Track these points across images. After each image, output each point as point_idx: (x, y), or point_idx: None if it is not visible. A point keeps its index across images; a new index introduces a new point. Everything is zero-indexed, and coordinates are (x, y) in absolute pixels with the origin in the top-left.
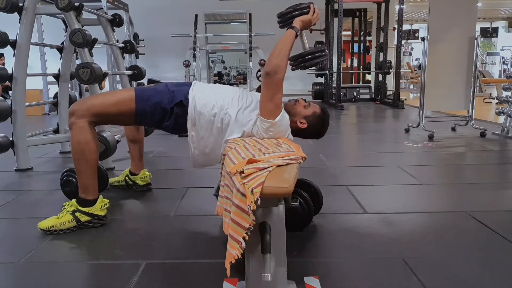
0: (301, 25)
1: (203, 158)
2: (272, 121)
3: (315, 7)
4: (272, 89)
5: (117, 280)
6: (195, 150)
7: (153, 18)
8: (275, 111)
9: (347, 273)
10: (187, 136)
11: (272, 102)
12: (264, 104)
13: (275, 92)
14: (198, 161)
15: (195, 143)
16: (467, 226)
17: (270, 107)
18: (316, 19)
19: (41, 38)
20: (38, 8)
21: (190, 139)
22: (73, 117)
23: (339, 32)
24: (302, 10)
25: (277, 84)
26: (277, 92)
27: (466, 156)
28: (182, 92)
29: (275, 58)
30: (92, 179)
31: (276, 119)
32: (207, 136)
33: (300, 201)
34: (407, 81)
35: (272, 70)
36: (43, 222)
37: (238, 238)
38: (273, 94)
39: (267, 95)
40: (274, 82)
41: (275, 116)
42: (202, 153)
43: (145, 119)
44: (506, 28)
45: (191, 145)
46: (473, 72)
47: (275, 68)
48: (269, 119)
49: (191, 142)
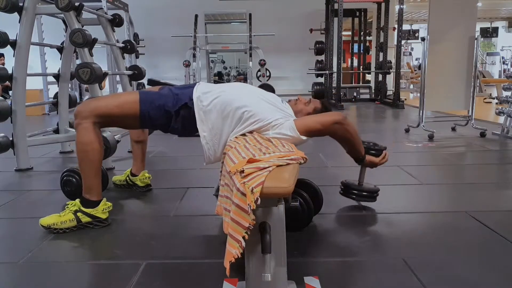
0: (367, 163)
1: (218, 156)
2: (300, 136)
3: (387, 153)
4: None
5: (117, 280)
6: (209, 151)
7: (153, 18)
8: (307, 132)
9: (347, 273)
10: (189, 136)
11: (316, 127)
12: (310, 122)
13: (323, 129)
14: (213, 160)
15: (209, 143)
16: (467, 226)
17: (311, 128)
18: (381, 163)
19: (41, 38)
20: (38, 8)
21: (203, 139)
22: (78, 118)
23: (339, 32)
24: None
25: (331, 130)
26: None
27: (466, 156)
28: (186, 94)
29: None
30: (95, 179)
31: (303, 137)
32: (220, 133)
33: (300, 201)
34: (407, 81)
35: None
36: (45, 219)
37: (238, 237)
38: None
39: (321, 122)
40: (332, 128)
41: (303, 133)
42: (217, 151)
43: (150, 121)
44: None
45: (205, 146)
46: (473, 72)
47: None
48: (299, 130)
49: (204, 143)
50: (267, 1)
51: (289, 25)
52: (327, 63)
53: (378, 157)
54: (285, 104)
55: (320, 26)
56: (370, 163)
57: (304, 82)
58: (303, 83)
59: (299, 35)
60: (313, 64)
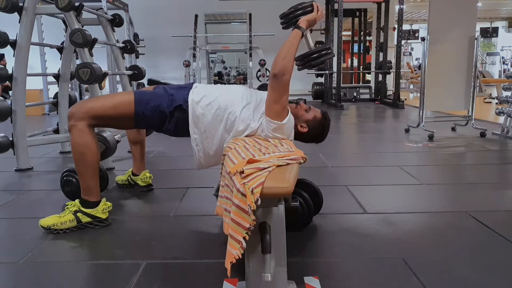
0: (307, 25)
1: (208, 160)
2: (279, 123)
3: (318, 5)
4: (279, 91)
5: (117, 280)
6: (199, 153)
7: (153, 18)
8: (281, 113)
9: (347, 273)
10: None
11: (279, 104)
12: (271, 105)
13: (282, 93)
14: (203, 163)
15: (199, 146)
16: (467, 226)
17: (277, 108)
18: (320, 16)
19: (41, 38)
20: (38, 8)
21: (193, 142)
22: (72, 120)
23: (339, 32)
24: (305, 9)
25: (284, 85)
26: (284, 94)
27: (466, 156)
28: (182, 95)
29: (282, 60)
30: (93, 180)
31: (284, 121)
32: (211, 137)
33: (300, 201)
34: (407, 81)
35: (280, 72)
36: (45, 220)
37: (238, 238)
38: (280, 96)
39: (274, 96)
40: (281, 84)
41: (282, 117)
42: (206, 155)
43: (144, 122)
44: (506, 28)
45: (194, 148)
46: (473, 72)
47: (282, 69)
48: (276, 120)
49: (194, 145)
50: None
51: None
52: (327, 63)
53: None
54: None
55: (320, 26)
56: (309, 22)
57: (304, 82)
58: (303, 83)
59: None
60: None
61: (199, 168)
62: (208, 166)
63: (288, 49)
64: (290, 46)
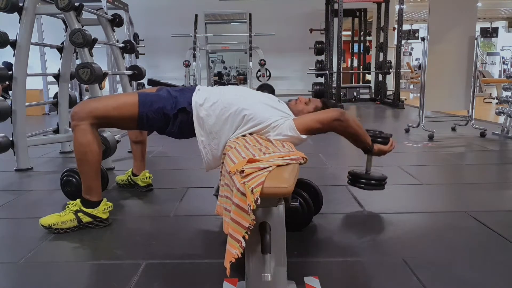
0: (377, 151)
1: (217, 161)
2: (299, 135)
3: (393, 141)
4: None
5: (117, 280)
6: (207, 155)
7: (153, 18)
8: (306, 131)
9: (347, 273)
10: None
11: (315, 125)
12: (309, 121)
13: (323, 127)
14: (212, 165)
15: (206, 148)
16: (467, 226)
17: (310, 126)
18: (390, 151)
19: (41, 38)
20: (38, 8)
21: (200, 144)
22: (75, 120)
23: (339, 32)
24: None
25: (331, 127)
26: (322, 129)
27: (466, 156)
28: (185, 98)
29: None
30: (95, 180)
31: (303, 136)
32: (218, 138)
33: (300, 201)
34: (407, 81)
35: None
36: (45, 219)
37: (238, 237)
38: (322, 125)
39: (320, 120)
40: (332, 125)
41: (303, 132)
42: (215, 156)
43: (148, 124)
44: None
45: (202, 151)
46: (473, 72)
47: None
48: (298, 129)
49: (202, 148)
50: (267, 1)
51: (289, 25)
52: (327, 63)
53: (385, 145)
54: (283, 104)
55: (320, 26)
56: (379, 151)
57: (304, 82)
58: (303, 83)
59: (299, 35)
60: (313, 64)
61: (208, 169)
62: (216, 166)
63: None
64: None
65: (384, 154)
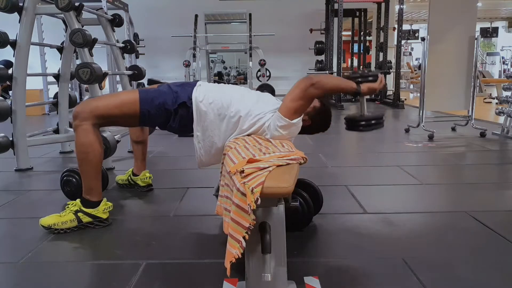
0: (366, 90)
1: (209, 158)
2: (289, 121)
3: (382, 77)
4: (304, 97)
5: (117, 280)
6: (200, 150)
7: (153, 18)
8: (294, 113)
9: (347, 273)
10: (189, 136)
11: (296, 104)
12: (288, 102)
13: (304, 101)
14: (204, 161)
15: (200, 143)
16: (467, 226)
17: (292, 107)
18: (380, 87)
19: (41, 38)
20: (38, 8)
21: (195, 139)
22: (77, 120)
23: (339, 32)
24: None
25: (310, 96)
26: (303, 100)
27: (466, 156)
28: (186, 93)
29: (328, 82)
30: (96, 180)
31: (294, 121)
32: (213, 135)
33: (300, 201)
34: (407, 81)
35: (319, 86)
36: (45, 219)
37: (238, 237)
38: (300, 98)
39: (297, 97)
40: (309, 93)
41: (292, 117)
42: (208, 153)
43: (150, 120)
44: (506, 28)
45: (196, 145)
46: (473, 72)
47: (322, 86)
48: (286, 117)
49: (196, 142)
50: (267, 1)
51: (289, 25)
52: (327, 63)
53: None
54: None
55: (320, 26)
56: (369, 89)
57: None
58: None
59: (299, 35)
60: (313, 64)
61: (199, 166)
62: (208, 164)
63: (337, 83)
64: (340, 83)
65: (375, 91)
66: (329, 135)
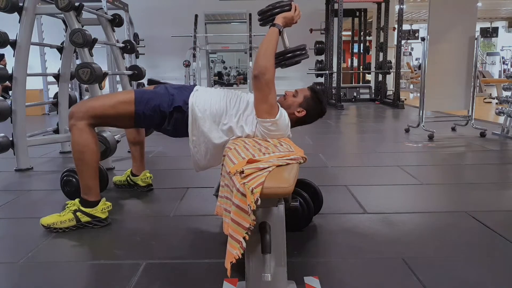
0: (283, 22)
1: (205, 162)
2: (272, 119)
3: (296, 5)
4: (263, 91)
5: (117, 280)
6: (196, 155)
7: (153, 18)
8: (271, 111)
9: (347, 273)
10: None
11: (267, 103)
12: (259, 106)
13: (267, 92)
14: (200, 165)
15: (196, 148)
16: (467, 226)
17: (265, 108)
18: (298, 16)
19: (41, 38)
20: (38, 8)
21: (191, 143)
22: (72, 119)
23: (339, 32)
24: (283, 8)
25: (267, 84)
26: (269, 92)
27: (466, 156)
28: (182, 97)
29: (261, 59)
30: (93, 180)
31: (276, 117)
32: (208, 141)
33: (300, 201)
34: (407, 81)
35: (260, 72)
36: (46, 219)
37: (238, 238)
38: (265, 95)
39: (260, 97)
40: (264, 84)
41: (273, 115)
42: (203, 157)
43: (145, 121)
44: (506, 28)
45: (192, 150)
46: (473, 72)
47: (263, 69)
48: (268, 118)
49: (192, 147)
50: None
51: None
52: (327, 63)
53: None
54: None
55: (320, 26)
56: (285, 19)
57: (304, 82)
58: (303, 83)
59: (299, 35)
60: (313, 64)
61: (196, 170)
62: (205, 168)
63: (266, 47)
64: (268, 44)
65: (293, 20)
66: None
